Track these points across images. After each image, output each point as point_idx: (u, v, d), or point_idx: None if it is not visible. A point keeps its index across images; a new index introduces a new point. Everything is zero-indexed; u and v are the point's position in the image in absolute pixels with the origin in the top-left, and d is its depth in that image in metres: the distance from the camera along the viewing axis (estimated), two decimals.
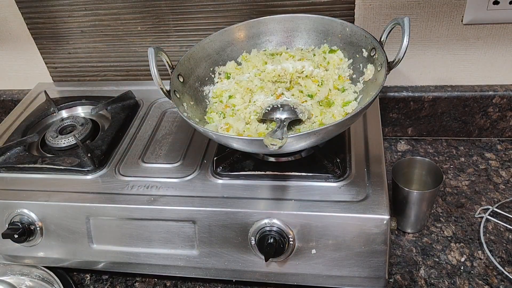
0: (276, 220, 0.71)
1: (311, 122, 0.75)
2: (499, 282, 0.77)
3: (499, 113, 1.01)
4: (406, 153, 1.05)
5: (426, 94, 1.01)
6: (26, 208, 0.79)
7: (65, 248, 0.81)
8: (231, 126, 0.77)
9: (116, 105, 0.99)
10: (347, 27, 0.81)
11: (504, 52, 0.95)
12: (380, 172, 0.75)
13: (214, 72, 0.87)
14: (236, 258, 0.75)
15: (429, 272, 0.81)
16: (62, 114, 1.03)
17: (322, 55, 0.84)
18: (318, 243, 0.71)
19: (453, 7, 0.90)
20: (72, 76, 1.16)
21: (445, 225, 0.88)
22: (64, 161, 0.85)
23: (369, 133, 0.85)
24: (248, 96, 0.82)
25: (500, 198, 0.92)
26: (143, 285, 0.85)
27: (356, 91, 0.79)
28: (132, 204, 0.76)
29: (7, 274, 0.88)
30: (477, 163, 1.00)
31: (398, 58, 0.68)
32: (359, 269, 0.71)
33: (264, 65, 0.86)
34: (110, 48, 1.09)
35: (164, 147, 0.88)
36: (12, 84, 1.23)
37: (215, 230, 0.74)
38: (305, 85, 0.82)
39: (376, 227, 0.68)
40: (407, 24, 0.67)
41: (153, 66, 0.72)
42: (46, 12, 1.05)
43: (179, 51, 1.05)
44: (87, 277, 0.88)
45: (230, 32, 0.87)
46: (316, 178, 0.75)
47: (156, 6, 1.00)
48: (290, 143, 0.63)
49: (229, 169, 0.79)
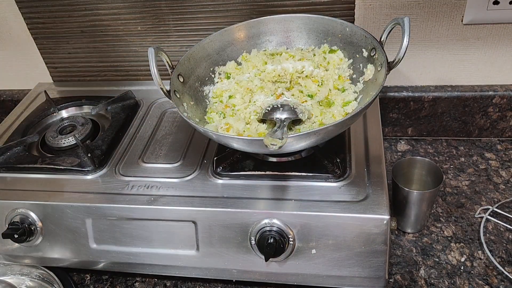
0: (276, 220, 0.71)
1: (311, 122, 0.75)
2: (499, 282, 0.77)
3: (499, 113, 1.01)
4: (406, 153, 1.05)
5: (426, 94, 1.01)
6: (26, 208, 0.79)
7: (65, 248, 0.81)
8: (231, 126, 0.77)
9: (116, 105, 0.99)
10: (347, 27, 0.81)
11: (504, 52, 0.95)
12: (380, 172, 0.75)
13: (214, 72, 0.87)
14: (236, 258, 0.75)
15: (429, 272, 0.81)
16: (62, 114, 1.03)
17: (322, 55, 0.84)
18: (318, 243, 0.71)
19: (453, 7, 0.90)
20: (72, 76, 1.16)
21: (445, 225, 0.88)
22: (64, 161, 0.85)
23: (369, 133, 0.85)
24: (248, 96, 0.82)
25: (500, 198, 0.92)
26: (143, 285, 0.85)
27: (356, 91, 0.79)
28: (132, 204, 0.76)
29: (7, 274, 0.88)
30: (477, 163, 1.00)
31: (398, 58, 0.68)
32: (359, 269, 0.71)
33: (264, 65, 0.86)
34: (110, 48, 1.09)
35: (164, 147, 0.88)
36: (12, 84, 1.23)
37: (215, 230, 0.74)
38: (305, 85, 0.82)
39: (376, 227, 0.68)
40: (407, 24, 0.67)
41: (153, 66, 0.72)
42: (46, 12, 1.05)
43: (179, 51, 1.05)
44: (87, 277, 0.88)
45: (230, 32, 0.87)
46: (316, 178, 0.75)
47: (156, 6, 1.00)
48: (290, 143, 0.63)
49: (229, 169, 0.79)
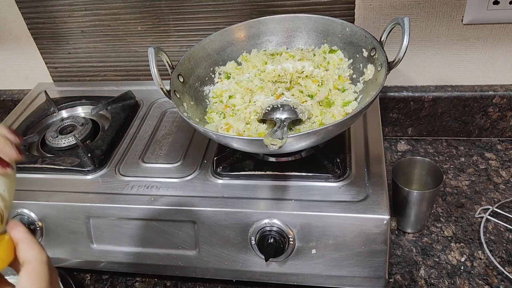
0: (276, 220, 0.71)
1: (311, 122, 0.75)
2: (499, 282, 0.77)
3: (499, 113, 1.01)
4: (406, 153, 1.05)
5: (426, 94, 1.01)
6: (26, 208, 0.79)
7: (65, 248, 0.81)
8: (231, 126, 0.77)
9: (116, 105, 0.99)
10: (347, 27, 0.81)
11: (504, 52, 0.95)
12: (380, 172, 0.75)
13: (214, 72, 0.87)
14: (236, 258, 0.75)
15: (429, 272, 0.81)
16: (62, 114, 1.03)
17: (322, 55, 0.84)
18: (318, 243, 0.71)
19: (453, 7, 0.90)
20: (72, 76, 1.16)
21: (445, 225, 0.88)
22: (64, 161, 0.85)
23: (369, 133, 0.85)
24: (248, 96, 0.82)
25: (500, 198, 0.92)
26: (143, 285, 0.85)
27: (356, 91, 0.79)
28: (132, 204, 0.76)
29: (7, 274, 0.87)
30: (477, 163, 1.00)
31: (398, 58, 0.68)
32: (359, 269, 0.71)
33: (264, 65, 0.86)
34: (110, 48, 1.09)
35: (164, 147, 0.88)
36: (12, 84, 1.23)
37: (215, 230, 0.74)
38: (305, 85, 0.82)
39: (376, 227, 0.68)
40: (407, 24, 0.66)
41: (153, 66, 0.72)
42: (46, 12, 1.05)
43: (179, 51, 1.05)
44: (87, 277, 0.88)
45: (230, 32, 0.87)
46: (316, 178, 0.75)
47: (156, 6, 1.00)
48: (290, 143, 0.63)
49: (229, 169, 0.79)
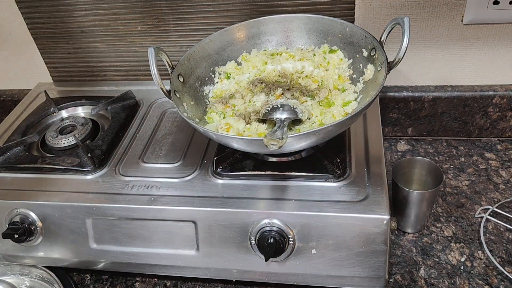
0: (276, 220, 0.71)
1: (311, 122, 0.75)
2: (499, 282, 0.77)
3: (499, 113, 1.01)
4: (406, 153, 1.05)
5: (426, 94, 1.01)
6: (26, 208, 0.79)
7: (65, 248, 0.81)
8: (231, 126, 0.77)
9: (116, 105, 0.99)
10: (347, 27, 0.81)
11: (504, 52, 0.95)
12: (380, 172, 0.75)
13: (214, 72, 0.87)
14: (236, 258, 0.75)
15: (429, 272, 0.81)
16: (62, 114, 1.03)
17: (322, 55, 0.84)
18: (318, 243, 0.71)
19: (453, 7, 0.90)
20: (72, 76, 1.16)
21: (445, 225, 0.88)
22: (64, 161, 0.85)
23: (369, 133, 0.85)
24: (248, 96, 0.82)
25: (500, 198, 0.92)
26: (143, 285, 0.85)
27: (356, 91, 0.79)
28: (132, 204, 0.76)
29: (7, 274, 0.88)
30: (477, 163, 1.00)
31: (398, 58, 0.68)
32: (359, 269, 0.71)
33: (264, 65, 0.86)
34: (110, 48, 1.09)
35: (164, 147, 0.88)
36: (12, 84, 1.23)
37: (215, 230, 0.74)
38: (305, 85, 0.82)
39: (376, 227, 0.68)
40: (407, 24, 0.67)
41: (153, 66, 0.72)
42: (46, 12, 1.05)
43: (179, 51, 1.05)
44: (87, 277, 0.88)
45: (230, 32, 0.87)
46: (316, 178, 0.75)
47: (156, 6, 1.00)
48: (290, 143, 0.63)
49: (229, 169, 0.79)
